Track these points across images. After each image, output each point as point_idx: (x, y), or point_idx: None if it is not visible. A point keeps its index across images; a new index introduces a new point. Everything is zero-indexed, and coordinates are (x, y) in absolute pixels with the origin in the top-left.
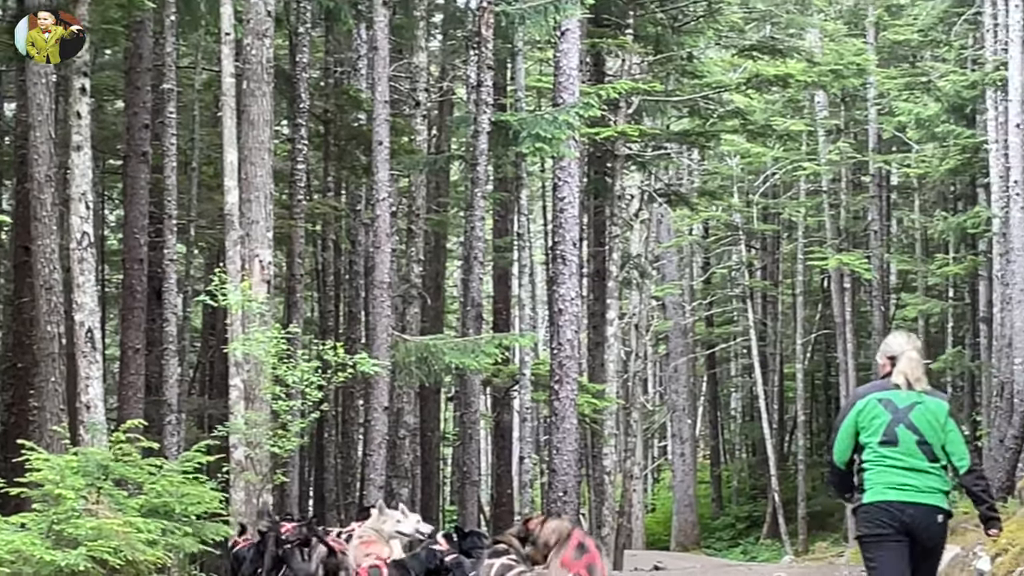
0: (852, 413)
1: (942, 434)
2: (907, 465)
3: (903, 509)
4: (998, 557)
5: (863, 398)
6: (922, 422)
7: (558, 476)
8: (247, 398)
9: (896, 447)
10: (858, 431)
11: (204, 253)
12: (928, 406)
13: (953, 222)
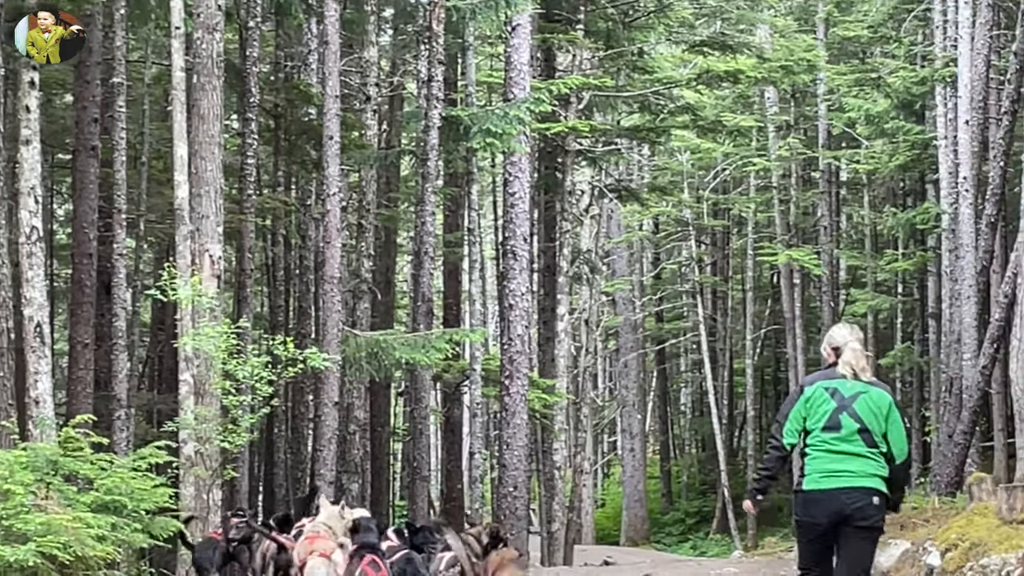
0: (800, 400)
1: (884, 423)
2: (844, 450)
3: (837, 497)
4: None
5: (811, 385)
6: (865, 411)
7: (508, 471)
8: (197, 393)
9: (837, 433)
10: (805, 417)
11: (154, 248)
12: (872, 396)
13: (902, 218)
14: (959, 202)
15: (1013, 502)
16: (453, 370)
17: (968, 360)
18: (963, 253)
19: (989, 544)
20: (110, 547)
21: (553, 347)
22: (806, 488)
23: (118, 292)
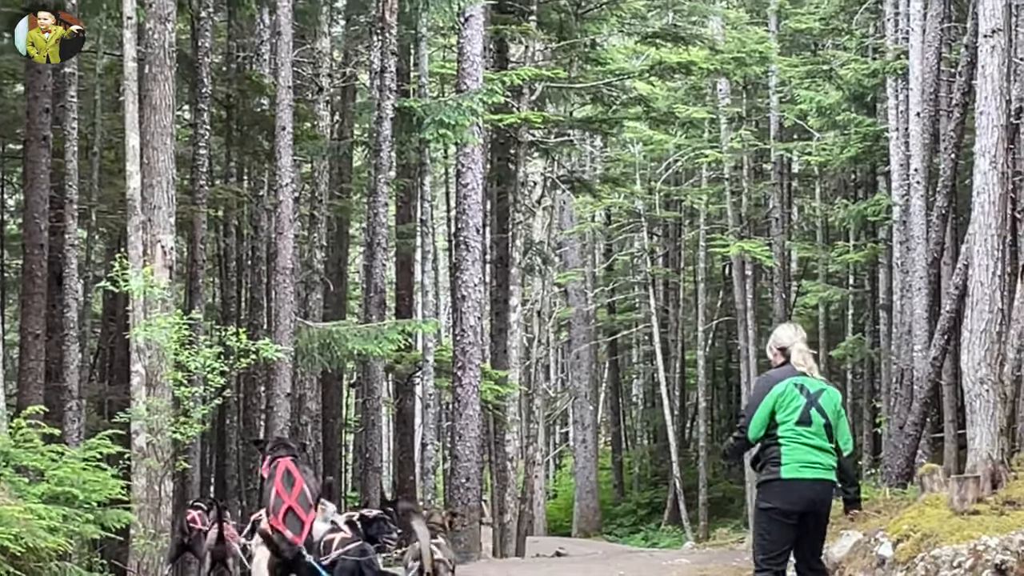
0: (770, 396)
1: (837, 419)
2: (816, 444)
3: (812, 487)
4: (899, 543)
5: (780, 382)
6: (828, 406)
7: (460, 462)
8: (149, 384)
9: (809, 427)
10: (775, 411)
11: (105, 238)
12: (830, 393)
13: (854, 210)
14: (910, 194)
15: (964, 493)
16: (405, 361)
17: (919, 351)
18: (914, 245)
19: (941, 535)
20: (62, 538)
21: (505, 338)
22: (785, 476)
23: (69, 283)
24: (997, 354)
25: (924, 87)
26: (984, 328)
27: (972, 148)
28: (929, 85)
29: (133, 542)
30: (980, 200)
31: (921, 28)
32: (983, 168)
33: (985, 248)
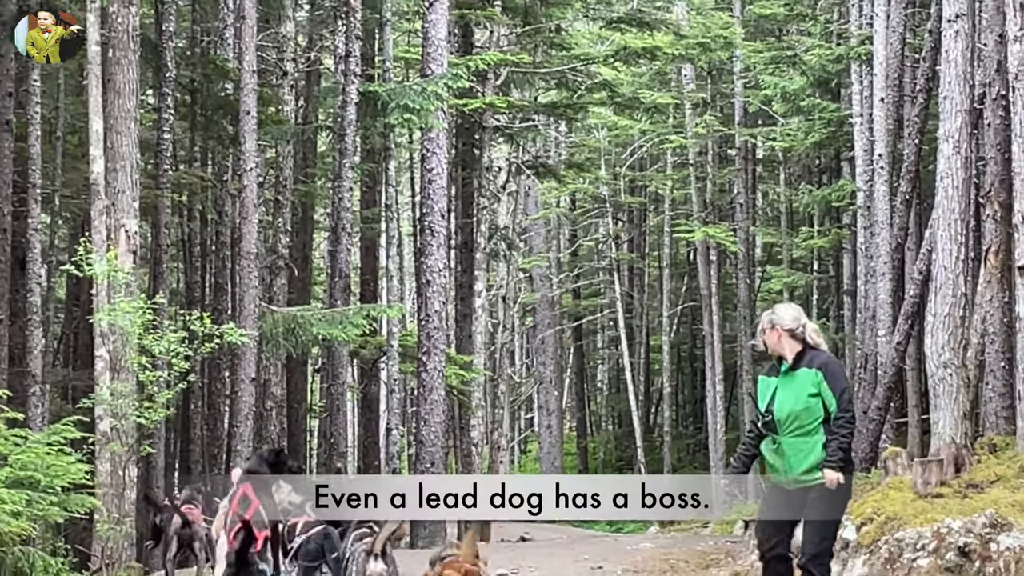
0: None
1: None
2: None
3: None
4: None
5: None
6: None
7: (425, 447)
8: (113, 369)
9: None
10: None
11: (69, 223)
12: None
13: (818, 195)
14: (874, 179)
15: (928, 476)
16: (370, 346)
17: (883, 336)
18: (878, 230)
19: (904, 518)
20: (25, 523)
21: (470, 323)
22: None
23: (33, 267)
24: (961, 338)
25: (888, 72)
26: (948, 313)
27: (936, 133)
28: (893, 71)
29: (97, 527)
30: (944, 185)
31: (885, 14)
32: (947, 153)
33: (949, 233)
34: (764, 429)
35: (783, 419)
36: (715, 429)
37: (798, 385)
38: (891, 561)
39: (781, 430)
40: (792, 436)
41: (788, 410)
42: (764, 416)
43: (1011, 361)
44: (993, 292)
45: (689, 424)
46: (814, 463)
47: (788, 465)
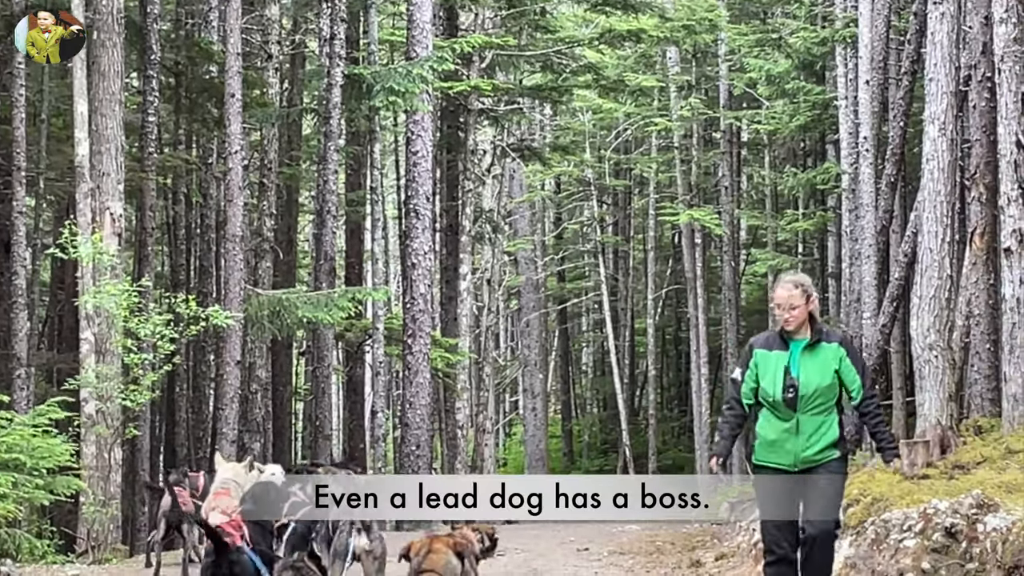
0: None
1: None
2: None
3: None
4: (850, 507)
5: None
6: None
7: (411, 430)
8: (98, 351)
9: None
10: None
11: (53, 206)
12: None
13: (803, 178)
14: (859, 162)
15: (914, 457)
16: (356, 329)
17: (868, 319)
18: (863, 213)
19: (891, 499)
20: (11, 505)
21: (455, 306)
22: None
23: (17, 250)
24: (946, 320)
25: (873, 55)
26: (933, 295)
27: (921, 116)
28: (878, 53)
29: (83, 509)
30: (929, 167)
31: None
32: (932, 135)
33: (934, 215)
34: (772, 407)
35: (808, 395)
36: (700, 412)
37: (823, 360)
38: (878, 542)
39: (801, 407)
40: (812, 414)
41: (815, 386)
42: (764, 393)
43: (996, 343)
44: (979, 274)
45: (674, 407)
46: (829, 442)
47: (804, 444)
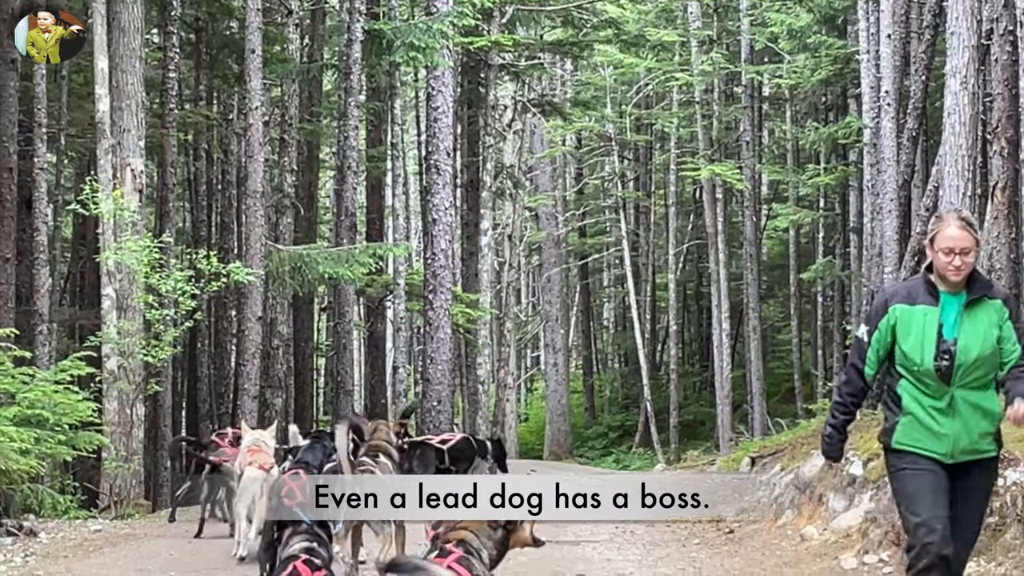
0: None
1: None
2: None
3: None
4: (870, 462)
5: None
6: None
7: (432, 385)
8: (120, 307)
9: None
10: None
11: (74, 162)
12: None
13: (824, 132)
14: (881, 116)
15: None
16: (376, 285)
17: (889, 273)
18: (884, 167)
19: None
20: (34, 461)
21: (476, 262)
22: None
23: (39, 207)
24: None
25: (895, 9)
26: None
27: (943, 70)
28: (900, 7)
29: (105, 464)
30: (951, 121)
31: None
32: (954, 89)
33: (956, 169)
34: (917, 378)
35: (967, 365)
36: (721, 367)
37: (985, 321)
38: None
39: (957, 380)
40: (971, 389)
41: (976, 353)
42: (906, 361)
43: (1018, 297)
44: (1000, 228)
45: (695, 362)
46: (989, 430)
47: (962, 429)
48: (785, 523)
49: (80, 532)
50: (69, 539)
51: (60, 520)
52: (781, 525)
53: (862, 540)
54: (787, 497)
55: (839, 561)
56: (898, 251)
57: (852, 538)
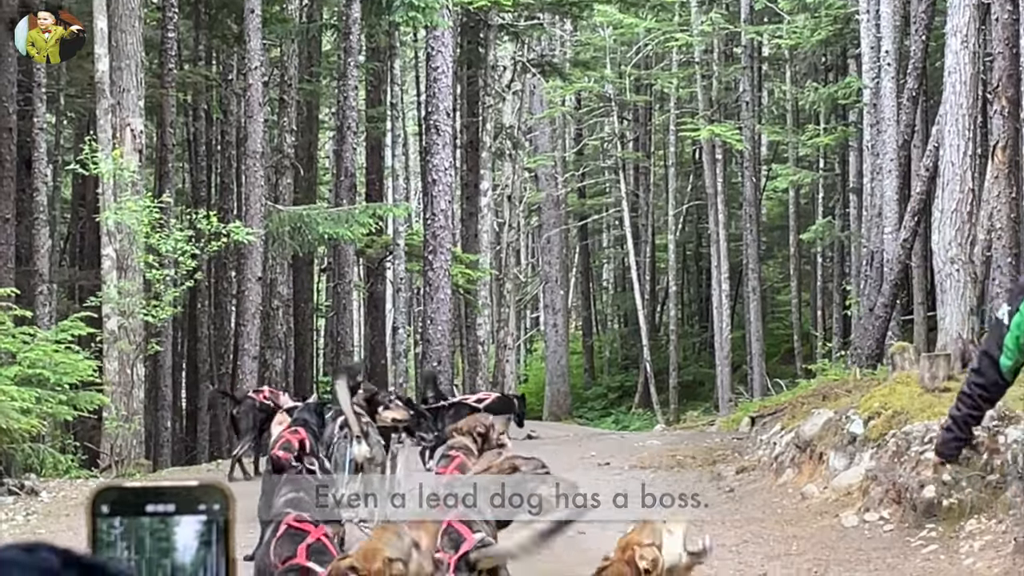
0: None
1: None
2: None
3: None
4: (871, 420)
5: None
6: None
7: (432, 346)
8: (120, 268)
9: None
10: None
11: (74, 123)
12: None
13: (824, 93)
14: (881, 76)
15: (935, 370)
16: (376, 245)
17: (889, 234)
18: (884, 127)
19: (911, 412)
20: (35, 420)
21: (476, 223)
22: None
23: (38, 167)
24: (968, 234)
25: None
26: (955, 208)
27: (943, 30)
28: None
29: (106, 424)
30: (951, 80)
31: None
32: (954, 48)
33: (956, 128)
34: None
35: None
36: (720, 327)
37: None
38: (898, 454)
39: None
40: None
41: None
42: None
43: (1018, 257)
44: (1000, 188)
45: (695, 323)
46: None
47: None
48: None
49: (81, 491)
50: (70, 498)
51: (61, 479)
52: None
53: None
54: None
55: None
56: (898, 211)
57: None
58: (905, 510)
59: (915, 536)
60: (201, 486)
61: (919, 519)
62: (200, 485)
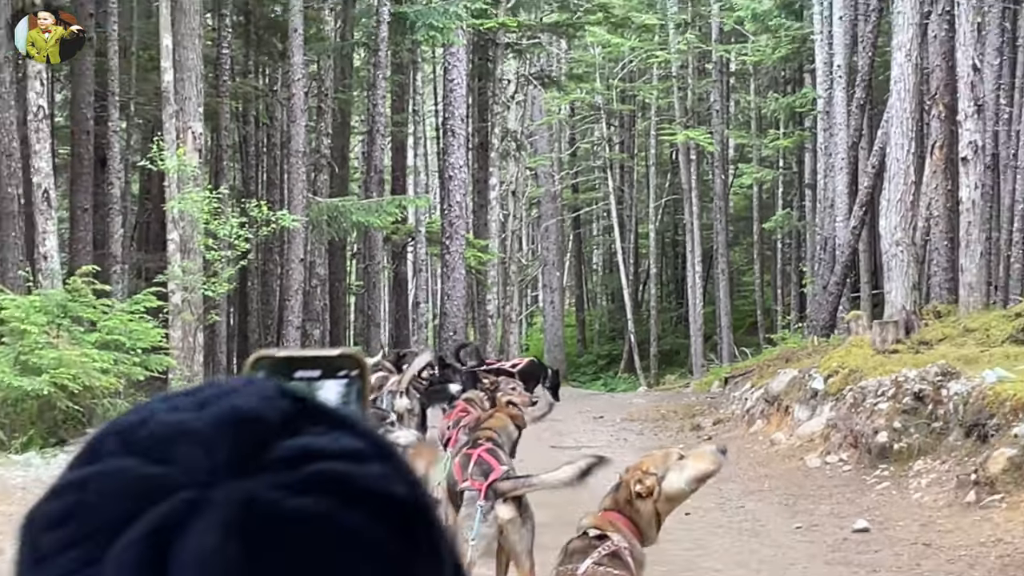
0: None
1: None
2: None
3: None
4: (830, 377)
5: None
6: None
7: (449, 318)
8: (182, 250)
9: None
10: None
11: (141, 128)
12: None
13: (783, 102)
14: (833, 88)
15: (885, 335)
16: (401, 232)
17: (840, 223)
18: (836, 132)
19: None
20: (112, 378)
21: (486, 213)
22: None
23: (112, 165)
24: (911, 220)
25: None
26: (900, 198)
27: (886, 48)
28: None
29: (171, 383)
30: (897, 88)
31: None
32: (899, 61)
33: (901, 129)
34: None
35: None
36: (694, 304)
37: None
38: (855, 406)
39: None
40: None
41: None
42: None
43: (953, 240)
44: (938, 181)
45: (672, 300)
46: None
47: None
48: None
49: None
50: None
51: None
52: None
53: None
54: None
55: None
56: (848, 203)
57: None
58: (861, 453)
59: (870, 475)
60: (341, 355)
61: (873, 460)
62: (340, 354)
